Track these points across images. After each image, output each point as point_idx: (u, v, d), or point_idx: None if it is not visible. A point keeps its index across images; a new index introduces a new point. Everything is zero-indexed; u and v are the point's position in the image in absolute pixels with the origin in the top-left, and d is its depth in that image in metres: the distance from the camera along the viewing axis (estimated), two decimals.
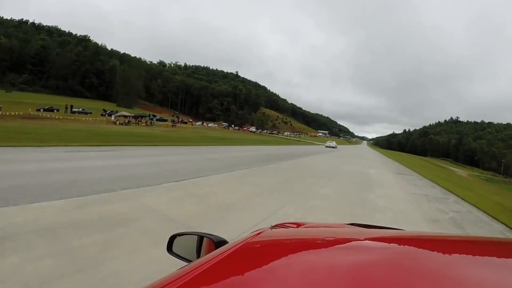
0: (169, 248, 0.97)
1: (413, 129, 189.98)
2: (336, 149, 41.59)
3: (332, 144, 45.25)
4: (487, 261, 0.57)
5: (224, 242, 0.84)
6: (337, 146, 47.01)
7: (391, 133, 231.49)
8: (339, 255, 0.58)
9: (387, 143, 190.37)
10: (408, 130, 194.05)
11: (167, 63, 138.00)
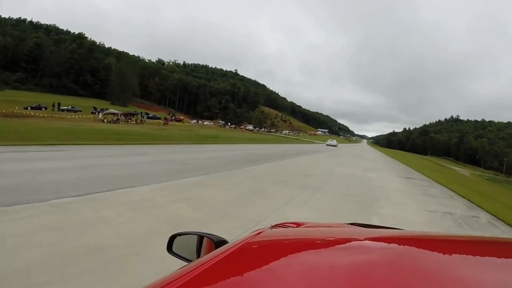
0: (169, 248, 0.96)
1: (413, 128, 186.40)
2: (336, 147, 41.65)
3: (332, 142, 45.73)
4: (487, 261, 0.56)
5: (224, 242, 0.83)
6: (337, 144, 47.43)
7: (391, 132, 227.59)
8: (339, 255, 0.57)
9: (387, 142, 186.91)
10: (408, 128, 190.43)
11: (166, 62, 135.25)
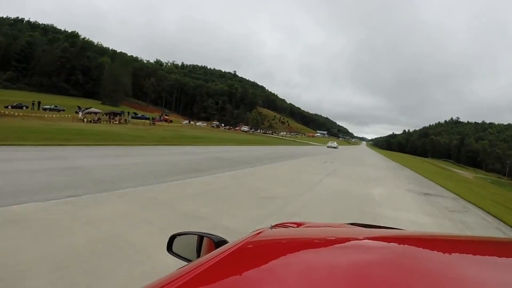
0: (169, 248, 0.93)
1: (413, 130, 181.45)
2: (336, 149, 42.13)
3: (333, 144, 46.77)
4: (487, 261, 0.55)
5: (224, 242, 0.82)
6: (338, 146, 48.65)
7: (390, 134, 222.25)
8: (339, 254, 0.56)
9: (386, 144, 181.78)
10: (408, 130, 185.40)
11: (164, 62, 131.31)
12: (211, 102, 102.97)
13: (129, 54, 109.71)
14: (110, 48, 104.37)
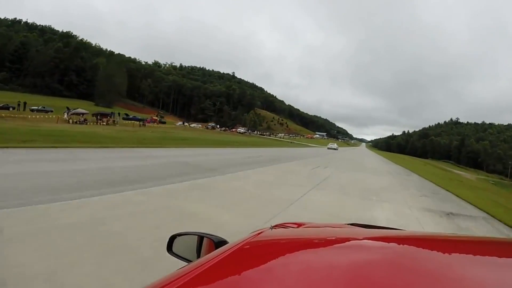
0: (169, 248, 0.92)
1: (412, 131, 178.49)
2: (336, 150, 43.30)
3: (333, 146, 48.31)
4: (487, 261, 0.54)
5: (224, 242, 0.81)
6: (338, 147, 50.12)
7: (390, 135, 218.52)
8: (338, 255, 0.55)
9: (386, 145, 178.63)
10: (407, 131, 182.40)
11: (162, 64, 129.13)
12: (209, 103, 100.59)
13: (127, 55, 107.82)
14: (108, 49, 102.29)
